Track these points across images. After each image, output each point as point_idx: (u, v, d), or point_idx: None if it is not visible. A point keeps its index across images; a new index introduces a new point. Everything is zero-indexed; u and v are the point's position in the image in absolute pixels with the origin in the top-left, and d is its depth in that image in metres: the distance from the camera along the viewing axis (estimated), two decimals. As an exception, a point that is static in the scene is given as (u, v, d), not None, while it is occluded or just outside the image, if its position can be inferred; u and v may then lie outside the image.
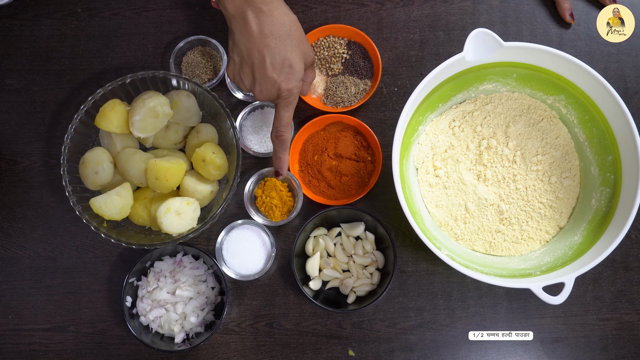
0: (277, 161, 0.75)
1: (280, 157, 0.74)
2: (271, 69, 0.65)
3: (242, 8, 0.64)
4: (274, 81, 0.65)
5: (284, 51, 0.65)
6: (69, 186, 0.79)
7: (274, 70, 0.65)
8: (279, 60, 0.65)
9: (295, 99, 0.69)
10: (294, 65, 0.66)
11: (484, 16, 0.90)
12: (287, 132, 0.72)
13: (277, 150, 0.73)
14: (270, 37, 0.64)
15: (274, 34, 0.64)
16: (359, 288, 0.81)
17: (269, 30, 0.64)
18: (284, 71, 0.65)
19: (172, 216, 0.78)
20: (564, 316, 0.83)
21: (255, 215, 0.83)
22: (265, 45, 0.64)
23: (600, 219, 0.77)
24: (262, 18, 0.63)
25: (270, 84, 0.66)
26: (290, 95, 0.67)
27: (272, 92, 0.67)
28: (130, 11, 0.91)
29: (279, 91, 0.66)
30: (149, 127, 0.80)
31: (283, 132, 0.71)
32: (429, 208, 0.83)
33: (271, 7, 0.64)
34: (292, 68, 0.66)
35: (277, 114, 0.70)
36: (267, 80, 0.66)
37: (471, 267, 0.75)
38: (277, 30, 0.64)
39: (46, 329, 0.85)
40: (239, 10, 0.64)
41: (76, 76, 0.90)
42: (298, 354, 0.83)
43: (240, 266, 0.82)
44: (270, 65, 0.65)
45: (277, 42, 0.64)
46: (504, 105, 0.84)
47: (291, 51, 0.65)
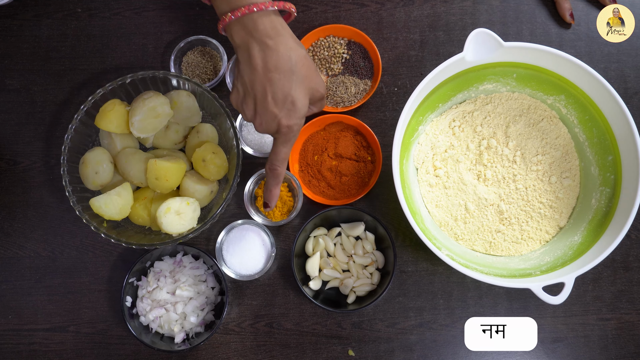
0: (268, 194, 0.73)
1: (272, 190, 0.72)
2: (272, 103, 0.64)
3: (248, 40, 0.63)
4: (274, 116, 0.65)
5: (287, 87, 0.64)
6: (69, 186, 0.79)
7: (275, 105, 0.64)
8: (281, 95, 0.64)
9: (295, 136, 0.68)
10: (296, 102, 0.64)
11: (484, 16, 0.90)
12: (282, 167, 0.70)
13: (269, 183, 0.72)
14: (274, 72, 0.63)
15: (278, 69, 0.63)
16: (359, 288, 0.81)
17: (273, 65, 0.63)
18: (286, 107, 0.64)
19: (172, 216, 0.78)
20: (564, 316, 0.83)
21: (255, 215, 0.83)
22: (268, 80, 0.63)
23: (600, 219, 0.77)
24: (267, 52, 0.63)
25: (270, 118, 0.65)
26: (290, 132, 0.66)
27: (272, 127, 0.66)
28: (130, 11, 0.91)
29: (278, 126, 0.65)
30: (149, 127, 0.80)
31: (277, 167, 0.70)
32: (429, 208, 0.83)
33: (277, 41, 0.63)
34: (294, 105, 0.64)
35: (274, 148, 0.69)
36: (268, 114, 0.65)
37: (471, 267, 0.75)
38: (281, 66, 0.63)
39: (46, 329, 0.85)
40: (244, 42, 0.64)
41: (76, 76, 0.90)
42: (298, 354, 0.83)
43: (240, 266, 0.82)
44: (272, 100, 0.64)
45: (281, 78, 0.63)
46: (504, 105, 0.84)
47: (295, 87, 0.64)
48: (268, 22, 0.63)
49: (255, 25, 0.63)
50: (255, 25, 0.63)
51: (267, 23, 0.63)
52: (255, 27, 0.63)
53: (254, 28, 0.63)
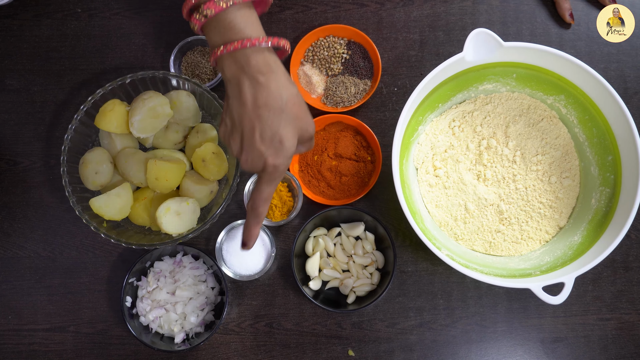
0: (247, 233, 0.69)
1: (251, 230, 0.69)
2: (260, 141, 0.62)
3: (239, 75, 0.62)
4: (261, 153, 0.63)
5: (276, 125, 0.62)
6: (69, 186, 0.79)
7: (263, 143, 0.62)
8: (270, 133, 0.62)
9: (281, 176, 0.66)
10: (284, 140, 0.62)
11: (484, 16, 0.90)
12: (264, 206, 0.67)
13: (249, 222, 0.69)
14: (263, 109, 0.61)
15: (268, 106, 0.61)
16: (359, 288, 0.81)
17: (263, 101, 0.61)
18: (273, 145, 0.62)
19: (172, 216, 0.78)
20: (564, 316, 0.83)
21: (255, 215, 0.83)
22: (257, 116, 0.61)
23: (600, 219, 0.77)
24: (258, 88, 0.61)
25: (257, 156, 0.63)
26: (276, 172, 0.64)
27: (258, 165, 0.64)
28: (130, 11, 0.91)
29: (264, 165, 0.63)
30: (149, 127, 0.80)
31: (259, 206, 0.67)
32: (428, 208, 0.83)
33: (268, 78, 0.62)
34: (282, 144, 0.63)
35: (257, 187, 0.66)
36: (255, 151, 0.63)
37: (471, 267, 0.75)
38: (271, 103, 0.61)
39: (46, 329, 0.85)
40: (235, 77, 0.62)
41: (76, 76, 0.90)
42: (298, 354, 0.83)
43: (240, 266, 0.82)
44: (260, 137, 0.62)
45: (270, 115, 0.62)
46: (504, 105, 0.84)
47: (284, 126, 0.62)
48: (261, 58, 0.62)
49: (248, 61, 0.61)
50: (247, 61, 0.61)
51: (260, 59, 0.62)
52: (247, 63, 0.61)
53: (246, 63, 0.61)
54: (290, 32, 0.90)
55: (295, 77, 0.88)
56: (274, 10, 0.90)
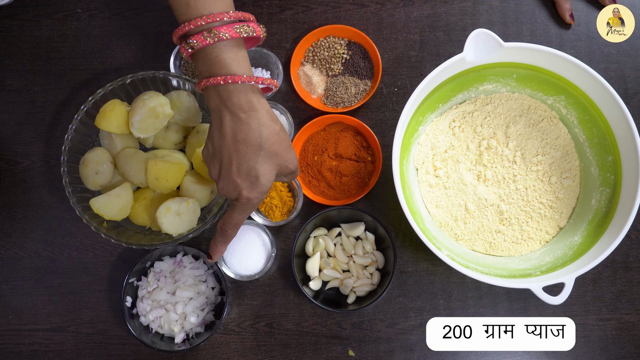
0: (214, 248, 0.72)
1: (218, 247, 0.72)
2: (236, 173, 0.64)
3: (221, 108, 0.63)
4: (236, 185, 0.64)
5: (253, 161, 0.63)
6: (69, 186, 0.79)
7: (239, 176, 0.64)
8: (246, 168, 0.63)
9: (253, 208, 0.67)
10: (259, 177, 0.64)
11: (484, 16, 0.90)
12: (233, 231, 0.70)
13: (217, 239, 0.72)
14: (241, 144, 0.63)
15: (247, 142, 0.63)
16: (359, 288, 0.81)
17: (242, 137, 0.62)
18: (249, 180, 0.64)
19: (172, 216, 0.78)
20: (564, 316, 0.83)
21: (255, 215, 0.83)
22: (235, 150, 0.63)
23: (600, 219, 0.77)
24: (238, 124, 0.62)
25: (232, 187, 0.65)
26: (249, 203, 0.66)
27: (232, 194, 0.66)
28: (130, 11, 0.91)
29: (239, 196, 0.65)
30: (149, 127, 0.80)
31: (227, 229, 0.69)
32: (429, 208, 0.83)
33: (249, 116, 0.62)
34: (257, 179, 0.64)
35: (230, 212, 0.68)
36: (230, 182, 0.64)
37: (471, 267, 0.75)
38: (250, 140, 0.63)
39: (46, 329, 0.85)
40: (217, 109, 0.63)
41: (76, 76, 0.90)
42: (298, 354, 0.83)
43: (240, 266, 0.82)
44: (236, 169, 0.64)
45: (248, 151, 0.63)
46: (504, 105, 0.84)
47: (261, 163, 0.64)
48: (243, 96, 0.62)
49: (230, 97, 0.62)
50: (229, 97, 0.62)
51: (242, 97, 0.62)
52: (229, 99, 0.62)
53: (227, 99, 0.62)
54: (290, 32, 0.90)
55: (295, 78, 0.88)
56: (274, 11, 0.90)
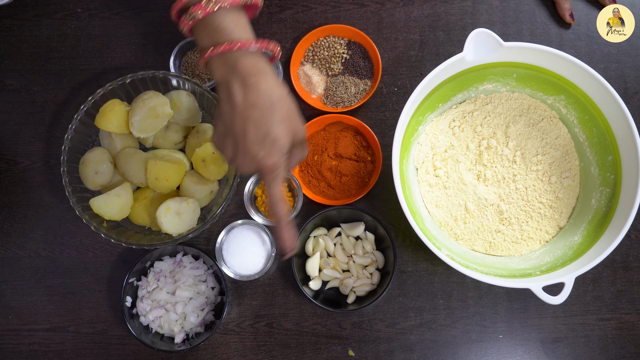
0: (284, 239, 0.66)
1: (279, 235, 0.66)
2: (252, 141, 0.61)
3: (228, 77, 0.61)
4: (254, 155, 0.62)
5: (267, 124, 0.61)
6: (69, 186, 0.79)
7: (256, 143, 0.61)
8: (261, 133, 0.61)
9: (282, 174, 0.64)
10: (277, 139, 0.62)
11: (484, 16, 0.90)
12: (280, 208, 0.66)
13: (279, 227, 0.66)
14: (253, 109, 0.61)
15: (258, 106, 0.61)
16: (359, 288, 0.81)
17: (252, 101, 0.61)
18: (266, 146, 0.62)
19: (172, 216, 0.78)
20: (564, 316, 0.83)
21: (255, 215, 0.83)
22: (248, 117, 0.61)
23: (600, 219, 0.77)
24: (247, 90, 0.61)
25: (250, 158, 0.62)
26: (274, 170, 0.63)
27: (253, 166, 0.63)
28: (130, 11, 0.91)
29: (261, 166, 0.63)
30: (149, 127, 0.80)
31: (275, 210, 0.65)
32: (429, 208, 0.83)
33: (257, 79, 0.61)
34: (275, 142, 0.62)
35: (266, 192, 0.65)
36: (248, 154, 0.62)
37: (471, 267, 0.75)
38: (261, 103, 0.61)
39: (46, 329, 0.85)
40: (224, 78, 0.62)
41: (76, 76, 0.90)
42: (298, 354, 0.83)
43: (240, 266, 0.82)
44: (252, 138, 0.61)
45: (260, 115, 0.61)
46: (504, 105, 0.84)
47: (276, 125, 0.61)
48: (249, 60, 0.61)
49: (236, 63, 0.61)
50: (235, 63, 0.61)
51: (249, 62, 0.61)
52: (235, 65, 0.61)
53: (234, 65, 0.61)
54: (290, 32, 0.90)
55: (295, 77, 0.88)
56: (274, 11, 0.90)
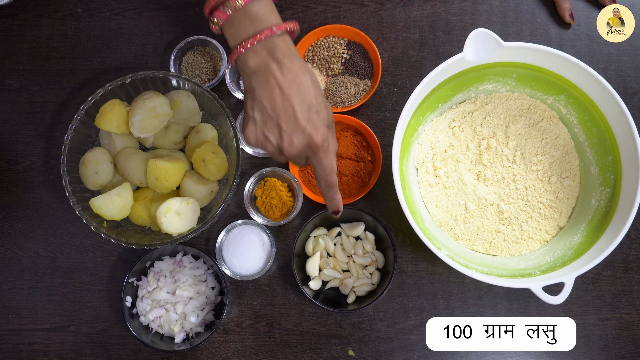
0: (332, 202, 0.71)
1: (334, 198, 0.70)
2: (300, 116, 0.64)
3: (267, 61, 0.64)
4: (303, 129, 0.64)
5: (309, 99, 0.64)
6: (69, 186, 0.79)
7: (302, 118, 0.64)
8: (306, 107, 0.64)
9: (334, 145, 0.67)
10: (320, 111, 0.65)
11: (484, 16, 0.90)
12: (335, 177, 0.69)
13: (329, 194, 0.70)
14: (294, 87, 0.64)
15: (297, 83, 0.64)
16: (359, 288, 0.81)
17: (291, 79, 0.64)
18: (312, 118, 0.64)
19: (172, 216, 0.78)
20: (564, 316, 0.83)
21: (255, 215, 0.83)
22: (290, 95, 0.64)
23: (600, 219, 0.77)
24: (285, 70, 0.64)
25: (300, 133, 0.64)
26: (325, 141, 0.66)
27: (304, 141, 0.65)
28: (130, 11, 0.91)
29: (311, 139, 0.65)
30: (149, 127, 0.80)
31: (332, 180, 0.69)
32: (429, 208, 0.83)
33: (292, 60, 0.65)
34: (319, 114, 0.65)
35: (319, 165, 0.67)
36: (297, 128, 0.64)
37: (471, 267, 0.75)
38: (299, 80, 0.64)
39: (46, 329, 0.85)
40: (262, 64, 0.64)
41: (76, 76, 0.90)
42: (298, 354, 0.83)
43: (240, 266, 0.82)
44: (299, 112, 0.64)
45: (301, 91, 0.64)
46: (504, 105, 0.84)
47: (315, 98, 0.65)
48: (285, 43, 0.65)
49: (275, 47, 0.64)
50: (275, 47, 0.64)
51: (285, 44, 0.65)
52: (274, 48, 0.64)
53: (274, 49, 0.64)
54: (291, 32, 0.90)
55: (295, 77, 0.88)
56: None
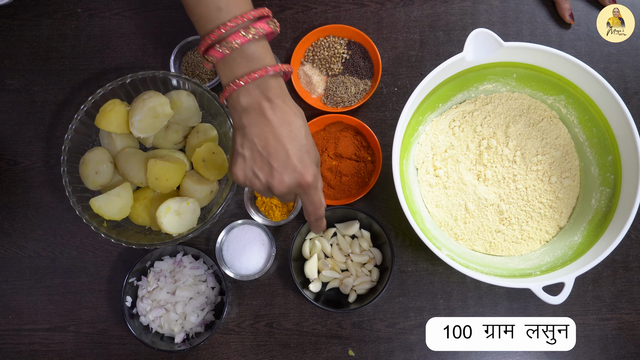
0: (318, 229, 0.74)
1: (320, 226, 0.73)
2: (292, 155, 0.65)
3: (259, 100, 0.65)
4: (294, 168, 0.65)
5: (300, 138, 0.65)
6: (69, 186, 0.79)
7: (294, 157, 0.65)
8: (297, 147, 0.65)
9: (321, 182, 0.69)
10: (310, 151, 0.66)
11: (484, 16, 0.90)
12: (323, 210, 0.71)
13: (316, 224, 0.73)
14: (285, 126, 0.65)
15: (290, 123, 0.65)
16: (359, 286, 0.81)
17: (285, 120, 0.65)
18: (303, 158, 0.65)
19: (172, 216, 0.78)
20: (564, 316, 0.83)
21: (255, 215, 0.83)
22: (282, 134, 0.64)
23: (600, 219, 0.77)
24: (277, 109, 0.65)
25: (291, 171, 0.65)
26: (316, 179, 0.67)
27: (294, 179, 0.66)
28: (130, 11, 0.91)
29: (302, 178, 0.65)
30: (149, 127, 0.80)
31: (321, 214, 0.71)
32: (429, 208, 0.83)
33: (284, 100, 0.66)
34: (309, 154, 0.66)
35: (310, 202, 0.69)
36: (288, 167, 0.65)
37: (471, 267, 0.75)
38: (291, 120, 0.65)
39: (46, 329, 0.85)
40: (254, 102, 0.65)
41: (76, 76, 0.90)
42: (298, 354, 0.83)
43: (240, 266, 0.82)
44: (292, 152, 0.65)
45: (293, 131, 0.65)
46: (504, 105, 0.84)
47: (306, 137, 0.66)
48: (277, 83, 0.66)
49: (268, 87, 0.65)
50: (268, 87, 0.65)
51: (277, 84, 0.65)
52: (267, 88, 0.65)
53: (267, 89, 0.65)
54: (290, 32, 0.90)
55: (295, 77, 0.88)
56: (274, 11, 0.90)
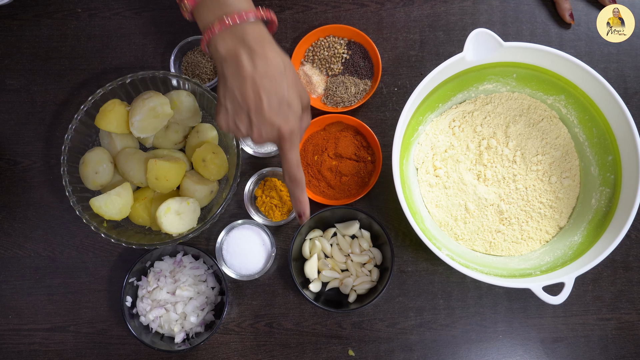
0: (298, 204, 0.70)
1: (299, 199, 0.70)
2: (269, 110, 0.63)
3: (236, 49, 0.62)
4: (272, 123, 0.63)
5: (280, 91, 0.63)
6: (69, 186, 0.79)
7: (272, 111, 0.63)
8: (276, 100, 0.63)
9: (299, 138, 0.66)
10: (291, 104, 0.64)
11: (484, 16, 0.90)
12: (300, 172, 0.68)
13: (294, 192, 0.70)
14: (265, 78, 0.62)
15: (269, 75, 0.62)
16: (359, 286, 0.81)
17: (263, 70, 0.62)
18: (282, 111, 0.63)
19: (172, 216, 0.78)
20: (564, 316, 0.83)
21: (255, 215, 0.83)
22: (260, 86, 0.62)
23: (600, 219, 0.77)
24: (256, 59, 0.62)
25: (269, 127, 0.64)
26: (293, 135, 0.65)
27: (272, 134, 0.64)
28: (130, 11, 0.91)
29: (279, 132, 0.64)
30: (149, 127, 0.80)
31: (296, 173, 0.68)
32: (429, 208, 0.83)
33: (264, 48, 0.62)
34: (290, 107, 0.64)
35: (284, 158, 0.67)
36: (265, 122, 0.63)
37: (471, 267, 0.75)
38: (271, 71, 0.62)
39: (46, 329, 0.85)
40: (231, 52, 0.62)
41: (76, 76, 0.90)
42: (298, 354, 0.83)
43: (240, 266, 0.82)
44: (267, 106, 0.62)
45: (273, 83, 0.62)
46: (504, 105, 0.84)
47: (288, 90, 0.63)
48: (256, 29, 0.63)
49: (245, 33, 0.62)
50: (245, 33, 0.62)
51: (256, 30, 0.62)
52: (244, 35, 0.62)
53: (244, 35, 0.62)
54: (290, 32, 0.90)
55: (295, 77, 0.88)
56: (274, 10, 0.90)
